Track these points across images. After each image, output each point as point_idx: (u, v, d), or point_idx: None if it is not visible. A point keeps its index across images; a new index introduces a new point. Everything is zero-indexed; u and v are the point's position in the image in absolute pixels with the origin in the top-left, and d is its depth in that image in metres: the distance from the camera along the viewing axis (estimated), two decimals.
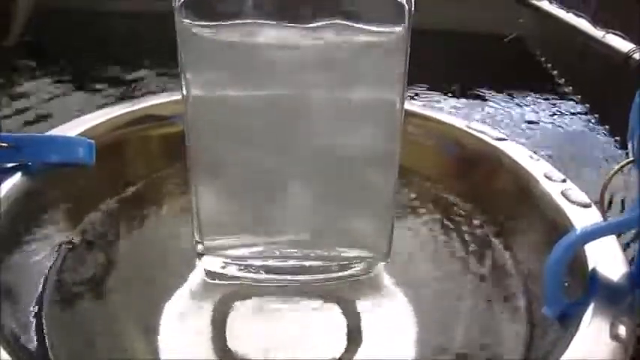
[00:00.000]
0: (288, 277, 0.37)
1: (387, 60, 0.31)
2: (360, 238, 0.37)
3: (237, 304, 0.36)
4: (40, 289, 0.34)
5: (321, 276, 0.37)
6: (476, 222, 0.42)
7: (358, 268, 0.37)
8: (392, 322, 0.35)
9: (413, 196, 0.44)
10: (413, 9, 0.30)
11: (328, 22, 0.29)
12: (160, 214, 0.43)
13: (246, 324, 0.35)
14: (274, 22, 0.29)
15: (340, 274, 0.37)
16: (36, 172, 0.37)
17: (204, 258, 0.37)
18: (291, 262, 0.36)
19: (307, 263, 0.36)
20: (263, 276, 0.37)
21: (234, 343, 0.34)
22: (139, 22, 0.74)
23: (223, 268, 0.37)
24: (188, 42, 0.30)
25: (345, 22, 0.29)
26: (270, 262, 0.36)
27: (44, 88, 0.62)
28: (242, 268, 0.37)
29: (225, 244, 0.36)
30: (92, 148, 0.38)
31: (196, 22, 0.30)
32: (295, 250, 0.36)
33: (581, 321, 0.28)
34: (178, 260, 0.38)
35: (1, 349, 0.27)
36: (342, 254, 0.36)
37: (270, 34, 0.30)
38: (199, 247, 0.36)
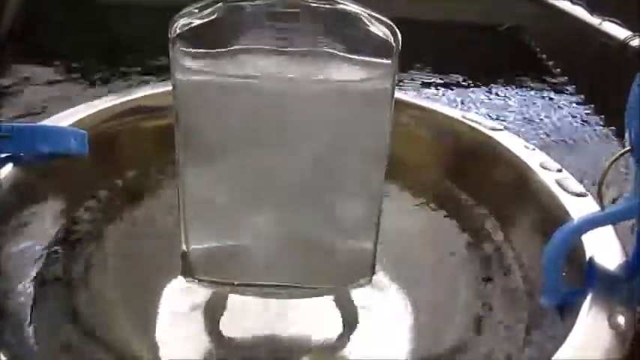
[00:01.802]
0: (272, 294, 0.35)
1: (374, 96, 0.31)
2: (341, 267, 0.35)
3: (232, 300, 0.36)
4: (31, 280, 0.34)
5: (303, 289, 0.35)
6: (472, 212, 0.42)
7: (340, 281, 0.35)
8: (387, 316, 0.35)
9: (407, 186, 0.44)
10: (400, 48, 0.29)
11: (315, 55, 0.30)
12: (153, 205, 0.42)
13: (240, 320, 0.35)
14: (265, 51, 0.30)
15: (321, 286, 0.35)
16: (28, 162, 0.37)
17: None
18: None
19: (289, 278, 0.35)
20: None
21: (228, 339, 0.34)
22: (132, 12, 0.74)
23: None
24: (181, 74, 0.30)
25: (332, 52, 0.29)
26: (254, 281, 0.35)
27: (36, 80, 0.61)
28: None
29: (212, 276, 0.35)
30: (85, 138, 0.38)
31: (190, 52, 0.29)
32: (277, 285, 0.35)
33: (580, 311, 0.28)
34: (171, 253, 0.38)
35: None
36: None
37: (260, 63, 0.30)
38: (186, 262, 0.35)
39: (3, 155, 0.36)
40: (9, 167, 0.36)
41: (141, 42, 0.68)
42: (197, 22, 0.29)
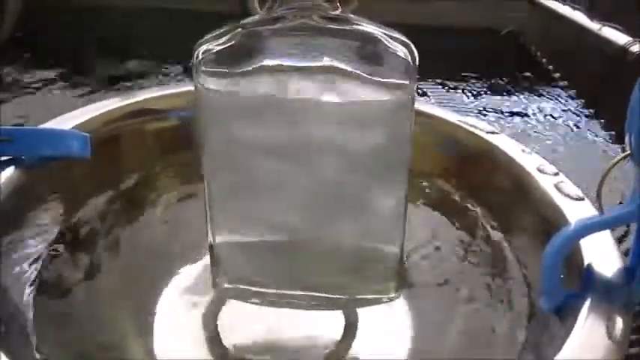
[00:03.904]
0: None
1: (394, 114, 0.31)
2: (367, 286, 0.35)
3: (231, 300, 0.36)
4: (31, 284, 0.34)
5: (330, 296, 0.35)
6: (469, 216, 0.42)
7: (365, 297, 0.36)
8: (387, 320, 0.35)
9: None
10: (417, 66, 0.30)
11: (335, 75, 0.30)
12: (154, 208, 0.43)
13: (240, 319, 0.35)
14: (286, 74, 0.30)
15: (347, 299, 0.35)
16: (30, 165, 0.37)
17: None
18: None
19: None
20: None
21: (227, 338, 0.34)
22: (130, 17, 0.74)
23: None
24: (205, 96, 0.31)
25: (351, 72, 0.30)
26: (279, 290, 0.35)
27: (38, 83, 0.61)
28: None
29: (241, 289, 0.35)
30: (87, 141, 0.38)
31: (214, 77, 0.30)
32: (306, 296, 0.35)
33: (578, 316, 0.28)
34: (172, 255, 0.38)
35: None
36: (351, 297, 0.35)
37: (281, 83, 0.30)
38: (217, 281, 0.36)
39: (4, 158, 0.36)
40: (10, 170, 0.36)
41: (143, 46, 0.68)
42: (218, 47, 0.30)
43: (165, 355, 0.33)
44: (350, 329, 0.35)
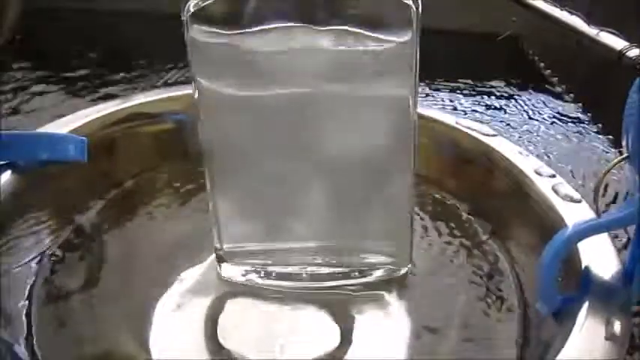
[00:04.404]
0: (309, 284, 0.36)
1: (397, 63, 0.31)
2: (379, 243, 0.36)
3: (231, 302, 0.36)
4: (29, 288, 0.34)
5: (342, 282, 0.36)
6: (466, 218, 0.42)
7: (379, 274, 0.37)
8: (385, 321, 0.35)
9: None
10: (420, 11, 0.29)
11: (336, 27, 0.29)
12: (150, 212, 0.42)
13: (239, 322, 0.35)
14: (283, 26, 0.30)
15: (360, 280, 0.36)
16: (27, 169, 0.37)
17: (224, 266, 0.37)
18: (311, 269, 0.36)
19: (328, 270, 0.36)
20: (284, 283, 0.36)
21: (226, 341, 0.34)
22: (128, 20, 0.74)
23: (244, 275, 0.37)
24: (198, 52, 0.31)
25: (353, 28, 0.29)
26: (290, 269, 0.36)
27: (35, 87, 0.61)
28: (262, 275, 0.36)
29: (246, 251, 0.36)
30: (84, 145, 0.38)
31: (206, 30, 0.30)
32: (315, 257, 0.36)
33: (577, 319, 0.28)
34: (169, 258, 0.38)
35: None
36: (363, 260, 0.36)
37: (280, 39, 0.30)
38: (219, 253, 0.36)
39: (1, 162, 0.36)
40: (7, 174, 0.36)
41: (140, 49, 0.68)
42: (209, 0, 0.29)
43: (164, 355, 0.33)
44: (347, 333, 0.35)
